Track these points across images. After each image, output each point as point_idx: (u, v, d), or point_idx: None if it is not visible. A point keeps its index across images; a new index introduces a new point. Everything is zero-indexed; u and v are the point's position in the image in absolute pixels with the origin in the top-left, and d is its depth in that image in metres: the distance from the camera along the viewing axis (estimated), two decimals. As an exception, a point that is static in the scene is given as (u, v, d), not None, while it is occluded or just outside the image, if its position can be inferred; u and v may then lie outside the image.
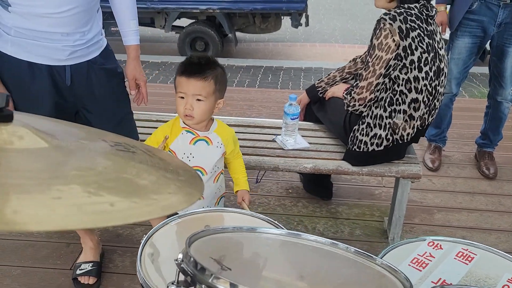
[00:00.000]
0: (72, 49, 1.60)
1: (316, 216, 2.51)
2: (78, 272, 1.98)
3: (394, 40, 1.81)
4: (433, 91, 1.93)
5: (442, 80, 1.98)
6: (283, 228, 1.15)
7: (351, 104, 1.97)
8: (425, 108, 1.96)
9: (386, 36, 1.81)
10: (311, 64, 5.61)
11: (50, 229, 0.47)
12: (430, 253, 1.18)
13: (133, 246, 2.21)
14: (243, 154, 2.08)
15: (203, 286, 0.65)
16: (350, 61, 2.38)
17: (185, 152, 1.57)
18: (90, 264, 2.01)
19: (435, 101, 1.98)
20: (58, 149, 0.61)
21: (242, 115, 3.73)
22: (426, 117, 1.99)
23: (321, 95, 2.35)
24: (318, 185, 2.63)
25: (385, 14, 1.84)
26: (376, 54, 1.84)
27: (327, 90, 2.32)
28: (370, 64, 1.87)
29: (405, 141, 1.99)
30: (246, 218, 1.23)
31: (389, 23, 1.81)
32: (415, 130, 1.98)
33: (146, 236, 1.16)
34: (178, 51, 5.99)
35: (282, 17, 6.09)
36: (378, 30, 1.84)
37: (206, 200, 1.63)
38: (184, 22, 6.10)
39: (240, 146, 2.16)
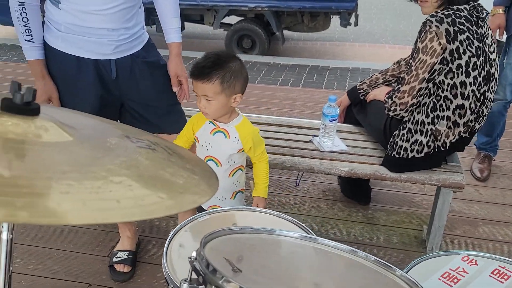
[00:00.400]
0: (117, 44, 1.66)
1: (352, 220, 2.46)
2: (114, 260, 2.06)
3: (440, 44, 1.73)
4: (482, 97, 1.83)
5: (492, 86, 1.87)
6: (310, 232, 1.14)
7: (392, 109, 1.90)
8: (471, 115, 1.86)
9: (432, 39, 1.73)
10: (359, 64, 5.50)
11: (90, 222, 0.48)
12: (463, 268, 1.13)
13: (167, 238, 2.26)
14: (279, 154, 2.08)
15: (213, 287, 0.65)
16: (394, 63, 2.31)
17: (206, 141, 1.63)
18: (126, 253, 2.08)
19: (483, 107, 1.88)
20: (82, 143, 0.63)
21: (283, 114, 3.72)
22: (472, 124, 1.89)
23: (362, 98, 2.30)
24: (356, 189, 2.58)
25: (432, 16, 1.77)
26: (420, 58, 1.77)
27: (369, 92, 2.26)
28: (413, 68, 1.80)
29: (447, 148, 1.90)
30: (273, 218, 1.22)
31: (436, 26, 1.73)
32: (460, 137, 1.89)
33: (174, 230, 1.19)
34: (225, 48, 6.06)
35: (331, 16, 6.01)
36: (423, 33, 1.77)
37: (220, 191, 1.66)
38: (233, 19, 6.16)
39: (276, 146, 2.16)
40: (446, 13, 1.75)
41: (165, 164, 0.64)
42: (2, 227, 0.63)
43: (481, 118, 1.92)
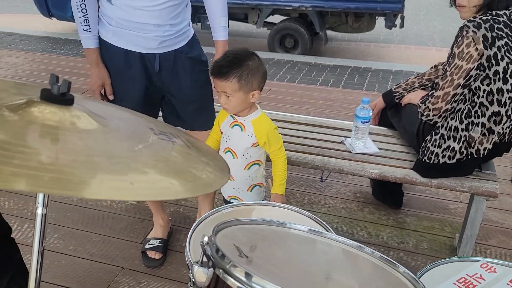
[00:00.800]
0: (162, 39, 1.75)
1: (381, 223, 2.44)
2: (147, 246, 2.16)
3: (477, 49, 1.70)
4: None
5: None
6: (329, 229, 1.17)
7: (425, 114, 1.88)
8: (509, 122, 1.81)
9: (468, 45, 1.70)
10: (403, 67, 5.39)
11: (104, 198, 0.55)
12: (481, 275, 1.12)
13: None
14: (309, 153, 2.11)
15: (221, 270, 0.70)
16: (432, 67, 2.27)
17: (226, 132, 1.71)
18: (158, 241, 2.18)
19: None
20: (108, 132, 0.70)
21: (319, 114, 3.73)
22: (509, 131, 1.84)
23: (397, 101, 2.28)
24: (388, 193, 2.56)
25: (470, 21, 1.73)
26: (456, 63, 1.75)
27: (404, 96, 2.24)
28: (448, 73, 1.78)
29: (481, 156, 1.86)
30: (293, 214, 1.26)
31: (473, 31, 1.70)
32: (495, 145, 1.84)
33: (198, 221, 1.25)
34: (267, 47, 6.11)
35: (376, 17, 5.92)
36: (460, 38, 1.74)
37: (236, 183, 1.72)
38: (276, 18, 6.19)
39: (307, 145, 2.19)
40: (484, 18, 1.71)
41: (182, 155, 0.70)
42: (38, 203, 0.70)
43: None
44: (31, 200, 2.56)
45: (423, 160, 1.94)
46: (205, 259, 0.75)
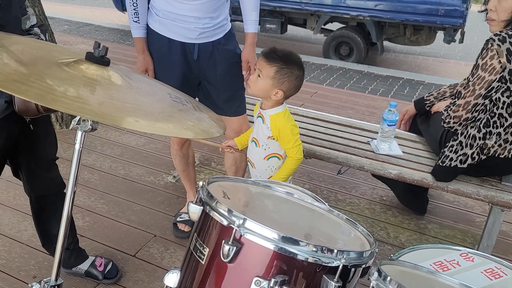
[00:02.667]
0: (201, 31, 1.96)
1: (402, 227, 2.51)
2: (178, 219, 2.39)
3: (500, 62, 1.75)
4: None
5: None
6: (324, 203, 1.27)
7: (446, 121, 1.96)
8: None
9: (492, 57, 1.77)
10: (457, 82, 5.29)
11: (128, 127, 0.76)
12: (458, 262, 1.21)
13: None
14: (335, 149, 2.24)
15: (208, 207, 0.88)
16: (465, 79, 2.31)
17: (254, 122, 1.85)
18: (189, 215, 2.39)
19: None
20: (132, 89, 0.91)
21: (361, 120, 3.80)
22: None
23: (428, 108, 2.35)
24: (413, 198, 2.61)
25: (496, 34, 1.79)
26: (479, 74, 1.81)
27: (435, 104, 2.31)
28: (470, 83, 1.84)
29: (496, 163, 1.90)
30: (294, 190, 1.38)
31: (497, 44, 1.76)
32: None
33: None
34: (322, 53, 6.23)
35: (436, 31, 5.86)
36: (484, 50, 1.80)
37: (257, 170, 1.85)
38: (334, 26, 6.30)
39: (334, 142, 2.32)
40: (510, 33, 1.76)
41: (187, 113, 0.90)
42: (76, 140, 0.92)
43: None
44: (84, 169, 2.88)
45: (438, 164, 2.01)
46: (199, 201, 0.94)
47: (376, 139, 2.33)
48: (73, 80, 0.85)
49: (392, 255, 1.15)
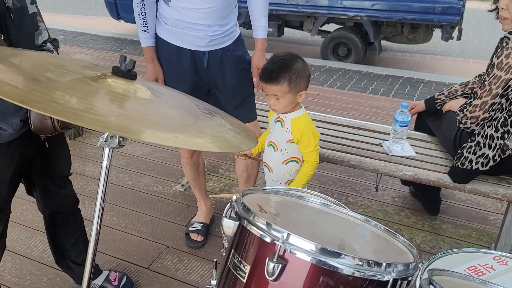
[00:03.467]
0: (211, 38, 1.93)
1: (416, 228, 2.49)
2: (190, 229, 2.35)
3: None
4: None
5: None
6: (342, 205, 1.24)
7: (463, 121, 1.93)
8: None
9: (508, 56, 1.75)
10: (457, 79, 5.30)
11: (153, 141, 0.72)
12: (492, 265, 1.19)
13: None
14: (347, 152, 2.22)
15: (245, 221, 0.85)
16: (476, 77, 2.30)
17: (271, 127, 1.83)
18: (201, 225, 2.36)
19: None
20: (160, 102, 0.88)
21: (365, 120, 3.79)
22: None
23: (439, 107, 2.33)
24: (426, 197, 2.60)
25: (510, 32, 1.78)
26: (495, 73, 1.80)
27: (446, 102, 2.29)
28: (486, 83, 1.83)
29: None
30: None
31: None
32: None
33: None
34: (320, 55, 6.21)
35: (433, 28, 5.86)
36: (499, 49, 1.79)
37: (275, 175, 1.83)
38: (331, 27, 6.29)
39: (345, 145, 2.29)
40: None
41: (218, 125, 0.87)
42: (104, 157, 0.89)
43: None
44: (92, 181, 2.84)
45: (457, 165, 1.99)
46: (233, 215, 0.90)
47: (387, 140, 2.31)
48: (100, 95, 0.82)
49: (423, 261, 1.12)
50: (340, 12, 5.89)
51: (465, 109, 1.93)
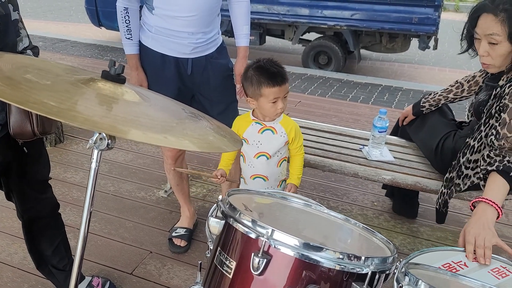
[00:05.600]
0: (195, 46, 1.97)
1: (395, 231, 2.55)
2: (173, 234, 2.36)
3: None
4: None
5: None
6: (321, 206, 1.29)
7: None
8: None
9: None
10: (434, 87, 5.44)
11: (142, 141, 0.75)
12: (465, 263, 1.25)
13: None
14: (328, 157, 2.27)
15: (231, 219, 0.88)
16: (454, 85, 2.35)
17: (254, 140, 1.83)
18: (184, 230, 2.38)
19: None
20: (149, 105, 0.91)
21: (345, 127, 3.86)
22: None
23: (423, 113, 2.38)
24: (403, 203, 2.67)
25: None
26: None
27: (431, 110, 2.33)
28: None
29: None
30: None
31: None
32: None
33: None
34: (301, 63, 6.31)
35: (410, 38, 6.01)
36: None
37: (270, 181, 1.87)
38: (312, 36, 6.40)
39: (326, 150, 2.35)
40: None
41: (203, 127, 0.90)
42: (93, 159, 0.91)
43: None
44: (73, 187, 2.83)
45: (443, 191, 2.00)
46: (219, 214, 0.94)
47: (367, 145, 2.38)
48: (89, 98, 0.84)
49: (401, 259, 1.17)
50: (320, 21, 6.00)
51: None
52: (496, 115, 1.77)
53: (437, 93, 2.38)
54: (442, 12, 5.73)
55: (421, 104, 2.39)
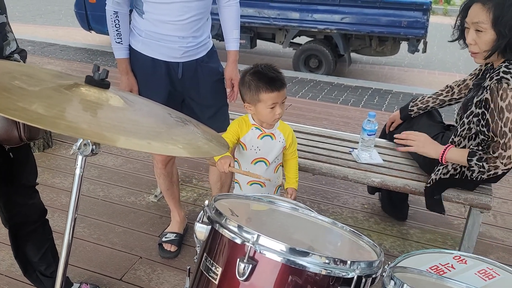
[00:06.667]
0: (185, 50, 1.96)
1: (385, 233, 2.56)
2: (163, 239, 2.35)
3: None
4: None
5: None
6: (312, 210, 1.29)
7: (501, 173, 1.86)
8: None
9: None
10: (423, 90, 5.49)
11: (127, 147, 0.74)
12: (452, 265, 1.25)
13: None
14: (318, 161, 2.27)
15: (217, 224, 0.88)
16: (444, 89, 2.37)
17: (253, 145, 1.82)
18: (174, 235, 2.37)
19: None
20: (134, 110, 0.91)
21: (336, 130, 3.88)
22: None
23: (412, 117, 2.41)
24: (394, 205, 2.68)
25: (505, 72, 1.73)
26: (507, 117, 1.72)
27: (419, 114, 2.35)
28: (506, 130, 1.73)
29: (478, 180, 1.97)
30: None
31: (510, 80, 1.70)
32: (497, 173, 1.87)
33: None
34: (292, 66, 6.32)
35: (400, 41, 6.06)
36: (501, 91, 1.71)
37: (267, 187, 1.87)
38: (302, 40, 6.42)
39: (316, 154, 2.35)
40: (509, 66, 1.73)
41: (189, 132, 0.90)
42: (77, 165, 0.90)
43: None
44: (62, 193, 2.80)
45: (429, 186, 2.03)
46: (205, 219, 0.93)
47: (357, 148, 2.38)
48: (73, 103, 0.84)
49: (389, 262, 1.17)
50: (311, 25, 6.02)
51: (502, 164, 1.78)
52: (479, 104, 1.83)
53: (426, 96, 2.41)
54: (430, 15, 5.79)
55: (410, 108, 2.41)
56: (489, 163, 1.80)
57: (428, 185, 2.04)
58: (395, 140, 2.08)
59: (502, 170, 1.82)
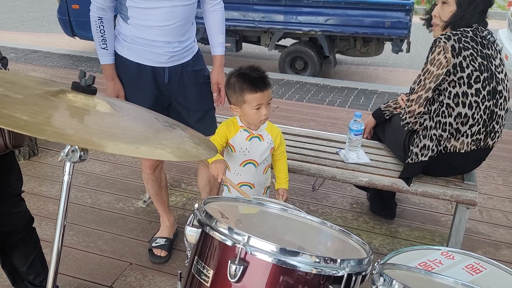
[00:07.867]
0: (171, 54, 1.97)
1: (374, 232, 2.59)
2: (153, 244, 2.34)
3: (446, 57, 1.92)
4: (488, 111, 1.96)
5: (501, 103, 2.00)
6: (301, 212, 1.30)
7: (403, 118, 2.09)
8: (476, 126, 1.98)
9: (439, 53, 1.93)
10: (408, 89, 5.55)
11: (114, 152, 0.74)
12: (440, 260, 1.27)
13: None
14: (306, 162, 2.29)
15: (208, 227, 0.88)
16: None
17: (242, 147, 1.82)
18: (164, 240, 2.36)
19: (494, 123, 2.01)
20: (121, 116, 0.91)
21: (323, 131, 3.90)
22: (482, 138, 2.01)
23: (387, 117, 2.45)
24: (382, 204, 2.70)
25: (442, 34, 1.97)
26: (428, 69, 1.97)
27: (394, 113, 2.41)
28: (422, 77, 2.00)
29: (451, 151, 2.02)
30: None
31: (444, 41, 1.93)
32: (468, 148, 2.01)
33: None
34: (278, 68, 6.35)
35: (384, 42, 6.12)
36: (433, 47, 1.97)
37: (256, 189, 1.87)
38: (288, 42, 6.45)
39: (304, 155, 2.37)
40: (454, 32, 1.96)
41: (177, 136, 0.90)
42: (65, 171, 0.90)
43: (493, 134, 2.04)
44: (49, 201, 2.77)
45: (407, 161, 2.11)
46: (196, 223, 0.93)
47: (344, 149, 2.40)
48: (60, 110, 0.83)
49: (378, 260, 1.19)
50: (296, 27, 6.05)
51: (407, 118, 2.07)
52: None
53: (397, 97, 2.48)
54: (413, 15, 5.87)
55: (383, 110, 2.47)
56: (403, 115, 2.08)
57: (411, 161, 2.11)
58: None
59: (407, 112, 2.05)
